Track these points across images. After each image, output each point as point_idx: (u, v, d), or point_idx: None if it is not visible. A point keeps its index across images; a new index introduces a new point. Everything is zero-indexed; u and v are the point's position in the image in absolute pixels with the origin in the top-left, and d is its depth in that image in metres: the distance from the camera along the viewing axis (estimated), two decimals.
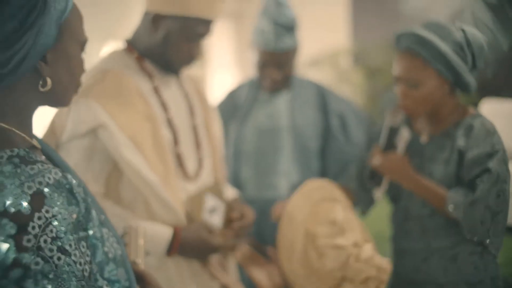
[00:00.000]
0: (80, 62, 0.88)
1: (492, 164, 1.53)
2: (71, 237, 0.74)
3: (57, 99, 0.87)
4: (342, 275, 1.09)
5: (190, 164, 1.49)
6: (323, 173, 2.05)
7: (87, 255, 0.77)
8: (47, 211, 0.72)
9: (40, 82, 0.81)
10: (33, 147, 0.83)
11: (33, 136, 0.86)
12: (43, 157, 0.83)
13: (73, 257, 0.74)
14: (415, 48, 1.59)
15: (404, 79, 1.62)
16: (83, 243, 0.77)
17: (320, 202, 1.20)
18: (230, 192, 1.72)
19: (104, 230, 0.86)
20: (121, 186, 1.38)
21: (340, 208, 1.19)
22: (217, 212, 1.54)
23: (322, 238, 1.11)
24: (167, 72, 1.48)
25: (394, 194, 1.76)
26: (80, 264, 0.75)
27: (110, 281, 0.83)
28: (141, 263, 1.03)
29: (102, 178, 1.36)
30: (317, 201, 1.19)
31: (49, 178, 0.76)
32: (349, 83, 6.05)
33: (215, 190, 1.59)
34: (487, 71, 4.68)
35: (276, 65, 1.96)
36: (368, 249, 1.12)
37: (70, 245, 0.74)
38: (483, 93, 5.10)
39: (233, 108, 2.09)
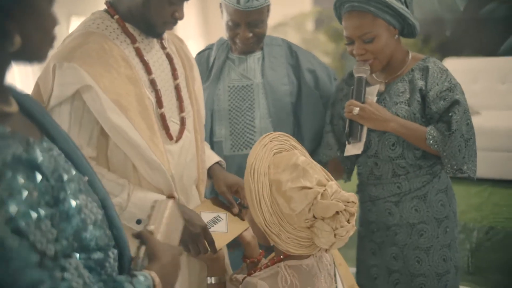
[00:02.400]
0: (50, 15, 0.82)
1: (458, 96, 1.71)
2: (29, 217, 0.70)
3: (31, 56, 0.81)
4: (313, 215, 1.14)
5: (173, 125, 1.49)
6: (298, 128, 2.08)
7: (51, 234, 0.73)
8: (3, 190, 0.68)
9: (8, 41, 0.75)
10: (3, 114, 0.78)
11: (7, 99, 0.81)
12: (9, 129, 0.75)
13: (31, 238, 0.70)
14: (362, 5, 1.71)
15: (359, 36, 1.74)
16: (47, 221, 0.73)
17: (279, 153, 1.24)
18: (214, 157, 1.73)
19: (82, 197, 0.82)
20: (109, 151, 1.39)
21: (299, 153, 1.23)
22: (219, 221, 1.57)
23: (286, 183, 1.15)
24: (149, 35, 1.47)
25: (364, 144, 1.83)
26: (41, 244, 0.71)
27: (88, 250, 0.81)
28: (154, 230, 1.02)
29: (93, 142, 1.37)
30: (276, 152, 1.24)
31: (6, 155, 0.71)
32: (314, 45, 6.10)
33: (209, 204, 1.61)
34: (445, 31, 4.80)
35: (247, 24, 1.93)
36: (332, 186, 1.16)
37: (28, 225, 0.69)
38: (444, 53, 5.25)
39: (203, 69, 2.05)
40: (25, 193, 0.70)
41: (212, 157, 1.72)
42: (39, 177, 0.74)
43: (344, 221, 1.13)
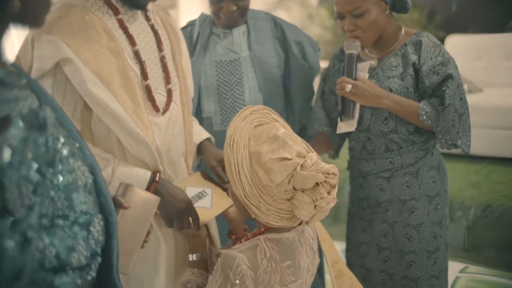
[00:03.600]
0: None
1: (451, 70, 1.69)
2: (14, 173, 0.70)
3: (29, 20, 0.83)
4: (292, 186, 1.13)
5: (159, 97, 1.47)
6: (288, 100, 2.07)
7: (28, 199, 0.73)
8: (5, 139, 0.69)
9: (8, 5, 0.76)
10: (11, 71, 0.80)
11: (6, 61, 0.83)
12: (24, 81, 0.77)
13: (7, 194, 0.70)
14: None
15: (349, 11, 1.72)
16: (28, 185, 0.73)
17: (260, 125, 1.23)
18: (203, 133, 1.71)
19: (74, 160, 0.83)
20: (93, 124, 1.38)
21: (280, 126, 1.22)
22: (204, 196, 1.56)
23: (266, 154, 1.13)
24: (132, 6, 1.42)
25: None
26: (14, 203, 0.71)
27: (76, 212, 0.81)
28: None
29: (77, 115, 1.36)
30: (257, 125, 1.22)
31: (23, 107, 0.72)
32: (317, 22, 6.04)
33: (195, 178, 1.59)
34: (451, 6, 4.74)
35: None
36: (312, 157, 1.15)
37: (10, 180, 0.70)
38: (449, 30, 5.17)
39: (186, 45, 1.99)
40: (23, 150, 0.71)
41: (201, 133, 1.71)
42: (42, 138, 0.75)
43: (325, 193, 1.11)
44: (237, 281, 1.14)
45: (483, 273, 2.82)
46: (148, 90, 1.43)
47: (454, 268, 2.75)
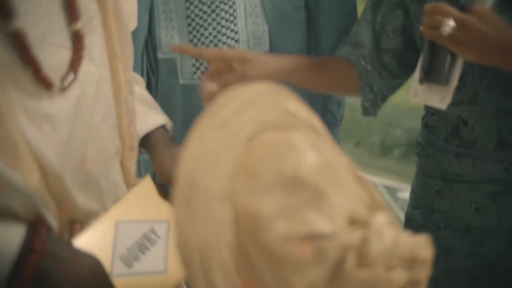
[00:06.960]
0: None
1: None
2: None
3: None
4: None
5: (51, 56, 0.76)
6: (311, 31, 1.31)
7: None
8: None
9: None
10: None
11: None
12: None
13: None
14: None
15: None
16: None
17: (263, 134, 0.55)
18: (152, 115, 1.00)
19: None
20: None
21: (305, 141, 0.52)
22: (152, 243, 0.86)
23: (274, 223, 0.50)
24: None
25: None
26: None
27: None
28: None
29: None
30: (252, 137, 0.55)
31: None
32: None
33: (137, 199, 0.90)
34: None
35: None
36: (381, 229, 0.50)
37: None
38: None
39: None
40: None
41: (149, 116, 0.99)
42: None
43: None
44: None
45: None
46: (19, 43, 0.73)
47: None
